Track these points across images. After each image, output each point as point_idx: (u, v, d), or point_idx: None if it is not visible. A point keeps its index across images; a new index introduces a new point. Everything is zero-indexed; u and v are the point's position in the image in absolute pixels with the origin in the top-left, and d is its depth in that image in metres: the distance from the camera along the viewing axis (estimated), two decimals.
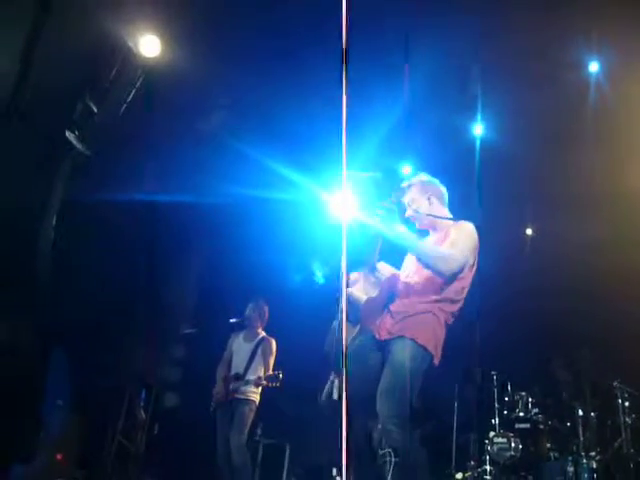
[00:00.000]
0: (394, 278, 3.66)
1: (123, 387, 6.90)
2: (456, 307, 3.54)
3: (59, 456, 5.96)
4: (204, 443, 6.48)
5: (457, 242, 3.44)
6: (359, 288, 3.60)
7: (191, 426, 6.88)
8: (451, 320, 3.53)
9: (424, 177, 3.83)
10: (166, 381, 7.42)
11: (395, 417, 3.16)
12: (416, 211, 3.69)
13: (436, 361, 3.41)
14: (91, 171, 5.88)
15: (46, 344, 5.76)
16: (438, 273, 3.38)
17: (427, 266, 3.40)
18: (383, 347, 3.42)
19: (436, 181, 3.84)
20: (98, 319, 6.36)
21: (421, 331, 3.36)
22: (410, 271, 3.61)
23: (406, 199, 3.74)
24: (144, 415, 7.06)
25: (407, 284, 3.54)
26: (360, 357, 3.43)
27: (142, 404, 7.11)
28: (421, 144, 6.50)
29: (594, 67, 6.01)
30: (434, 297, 3.45)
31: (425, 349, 3.34)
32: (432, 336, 3.39)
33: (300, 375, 5.91)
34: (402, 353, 3.29)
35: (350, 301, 3.48)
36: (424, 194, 3.74)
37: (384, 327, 3.46)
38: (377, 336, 3.47)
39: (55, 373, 5.87)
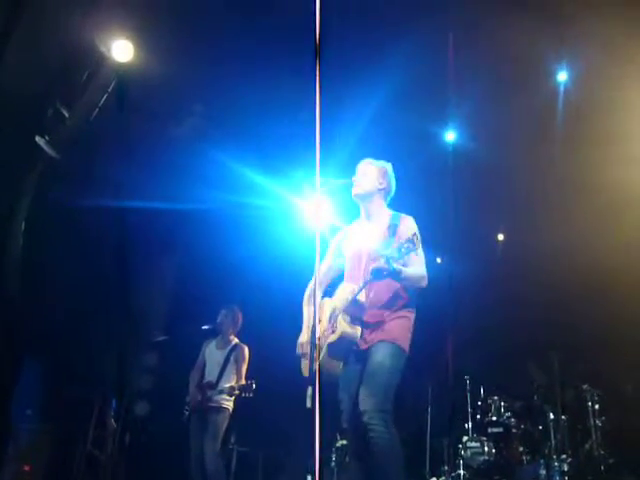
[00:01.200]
0: (370, 301, 3.64)
1: (93, 396, 6.80)
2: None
3: (27, 467, 5.85)
4: (176, 452, 6.41)
5: (416, 252, 3.51)
6: (345, 320, 3.56)
7: (163, 435, 6.80)
8: None
9: (383, 166, 3.87)
10: (137, 389, 7.32)
11: (380, 412, 3.26)
12: (360, 195, 3.76)
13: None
14: (62, 176, 5.80)
15: (15, 352, 5.65)
16: (417, 288, 3.60)
17: (410, 286, 3.56)
18: (364, 356, 3.49)
19: (390, 172, 3.88)
20: (68, 326, 6.26)
21: (399, 334, 3.51)
22: (379, 289, 3.59)
23: (359, 175, 3.80)
24: (115, 424, 6.95)
25: (378, 298, 3.58)
26: (345, 371, 3.55)
27: (113, 413, 7.00)
28: (394, 150, 6.54)
29: (563, 76, 6.16)
30: (401, 303, 3.58)
31: (403, 350, 3.50)
32: (406, 335, 3.56)
33: (273, 383, 5.89)
34: (383, 353, 3.41)
35: (345, 339, 3.51)
36: (378, 178, 3.80)
37: (362, 338, 3.52)
38: (355, 347, 3.53)
39: (24, 382, 5.76)
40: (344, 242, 3.88)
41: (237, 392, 5.61)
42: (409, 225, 3.64)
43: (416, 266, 3.52)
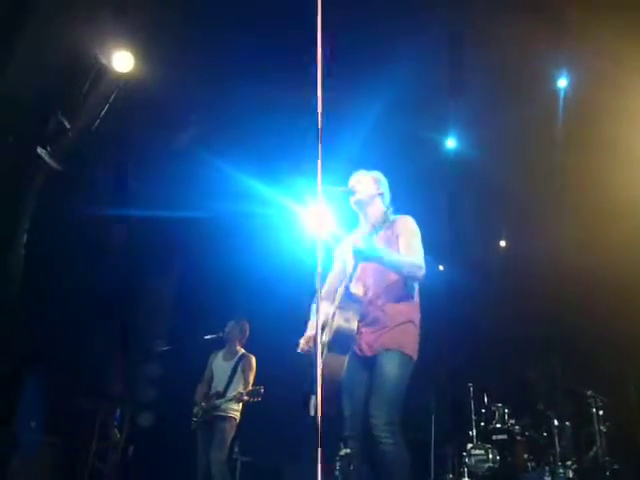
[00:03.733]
0: (367, 293, 3.62)
1: (97, 407, 6.78)
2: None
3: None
4: (180, 463, 6.39)
5: (412, 242, 3.53)
6: (340, 316, 3.54)
7: (167, 446, 6.78)
8: None
9: (375, 175, 3.86)
10: (141, 400, 7.30)
11: (389, 424, 3.25)
12: (360, 201, 3.73)
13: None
14: (64, 186, 5.82)
15: (18, 365, 5.65)
16: (413, 279, 3.52)
17: (402, 274, 3.48)
18: (370, 363, 3.45)
19: (384, 180, 3.88)
20: (71, 337, 6.25)
21: (406, 342, 3.46)
22: (372, 280, 3.59)
23: (354, 184, 3.77)
24: (118, 435, 6.94)
25: (378, 292, 3.55)
26: (351, 380, 3.46)
27: (116, 424, 6.99)
28: (394, 157, 6.55)
29: (563, 82, 6.18)
30: (406, 302, 3.52)
31: (411, 358, 3.46)
32: (413, 341, 3.51)
33: (277, 391, 5.88)
34: (392, 364, 3.37)
35: (342, 333, 3.48)
36: (374, 184, 3.79)
37: (365, 342, 3.48)
38: (359, 352, 3.49)
39: (28, 394, 5.75)
40: (346, 251, 3.87)
41: (245, 398, 5.63)
42: (404, 221, 3.62)
43: (408, 253, 3.48)
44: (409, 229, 3.61)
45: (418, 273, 3.47)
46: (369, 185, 3.79)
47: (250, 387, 5.73)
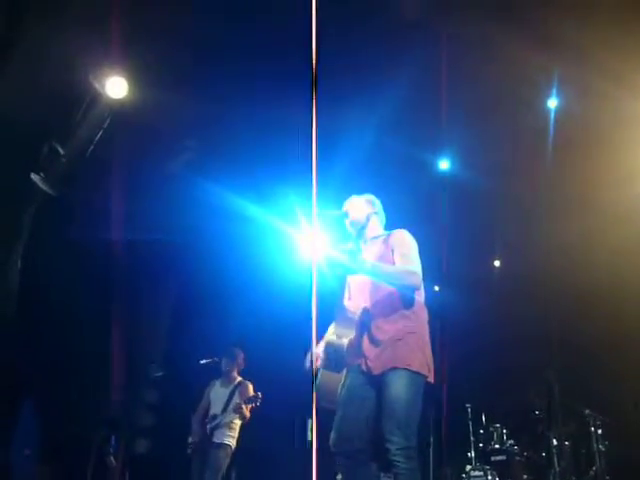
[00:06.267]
0: (364, 308, 3.56)
1: (92, 434, 6.71)
2: (426, 317, 3.55)
3: None
4: None
5: (407, 254, 3.45)
6: (333, 333, 3.51)
7: (163, 473, 6.72)
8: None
9: (368, 196, 3.86)
10: (136, 426, 7.23)
11: (405, 449, 3.14)
12: (356, 222, 3.71)
13: (431, 379, 3.39)
14: (58, 212, 5.82)
15: (11, 390, 5.60)
16: (409, 288, 3.41)
17: (397, 285, 3.39)
18: (376, 381, 3.33)
19: (377, 201, 3.87)
20: (65, 363, 6.21)
21: (411, 356, 3.31)
22: (365, 294, 3.54)
23: (348, 207, 3.76)
24: (114, 462, 6.86)
25: (375, 307, 3.47)
26: (353, 396, 3.38)
27: (112, 451, 6.91)
28: (388, 179, 6.59)
29: (553, 103, 6.26)
30: (406, 313, 3.41)
31: (420, 374, 3.31)
32: (423, 357, 3.37)
33: (272, 415, 5.85)
34: (399, 385, 3.24)
35: (333, 350, 3.44)
36: (366, 205, 3.78)
37: (370, 358, 3.36)
38: (365, 369, 3.38)
39: (22, 421, 5.70)
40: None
41: (243, 406, 5.63)
42: (398, 234, 3.58)
43: (402, 263, 3.40)
44: (405, 242, 3.53)
45: (412, 280, 3.37)
46: (362, 207, 3.79)
47: (247, 413, 5.71)
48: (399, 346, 3.32)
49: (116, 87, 5.33)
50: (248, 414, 5.71)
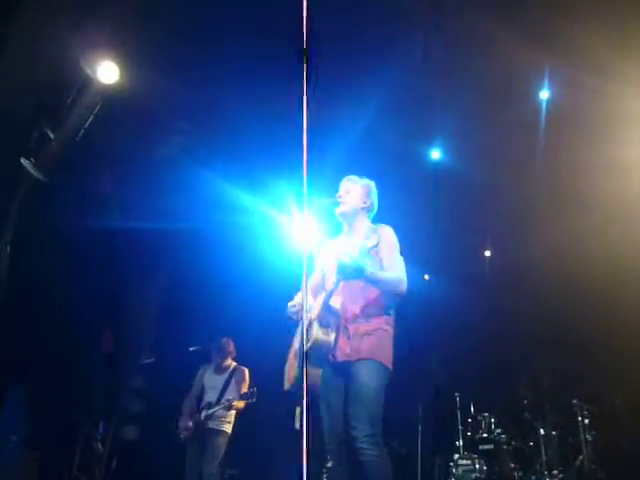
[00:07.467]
0: (346, 308, 3.62)
1: (79, 420, 6.70)
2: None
3: None
4: (164, 476, 6.33)
5: (394, 256, 3.58)
6: (319, 329, 3.55)
7: (151, 459, 6.71)
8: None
9: (365, 183, 3.90)
10: (125, 413, 7.22)
11: (370, 436, 3.23)
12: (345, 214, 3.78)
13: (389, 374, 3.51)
14: (48, 197, 5.77)
15: None
16: (399, 295, 3.56)
17: (386, 290, 3.52)
18: (344, 370, 3.45)
19: (374, 189, 3.91)
20: (53, 349, 6.19)
21: (378, 349, 3.46)
22: (352, 294, 3.59)
23: (343, 193, 3.81)
24: (102, 448, 6.85)
25: (355, 307, 3.56)
26: (329, 387, 3.51)
27: (99, 437, 6.90)
28: (379, 168, 6.58)
29: (545, 94, 6.26)
30: (384, 315, 3.56)
31: (385, 365, 3.46)
32: (388, 351, 3.52)
33: (263, 403, 5.86)
34: (366, 374, 3.38)
35: (320, 346, 3.49)
36: (362, 197, 3.82)
37: (339, 348, 3.48)
38: (332, 359, 3.49)
39: (8, 407, 5.67)
40: (325, 256, 3.88)
41: (239, 399, 5.69)
42: (385, 232, 3.65)
43: (392, 270, 3.52)
44: (390, 241, 3.64)
45: (400, 288, 3.51)
46: (356, 197, 3.81)
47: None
48: (370, 339, 3.47)
49: (107, 72, 5.29)
50: (243, 405, 5.74)
